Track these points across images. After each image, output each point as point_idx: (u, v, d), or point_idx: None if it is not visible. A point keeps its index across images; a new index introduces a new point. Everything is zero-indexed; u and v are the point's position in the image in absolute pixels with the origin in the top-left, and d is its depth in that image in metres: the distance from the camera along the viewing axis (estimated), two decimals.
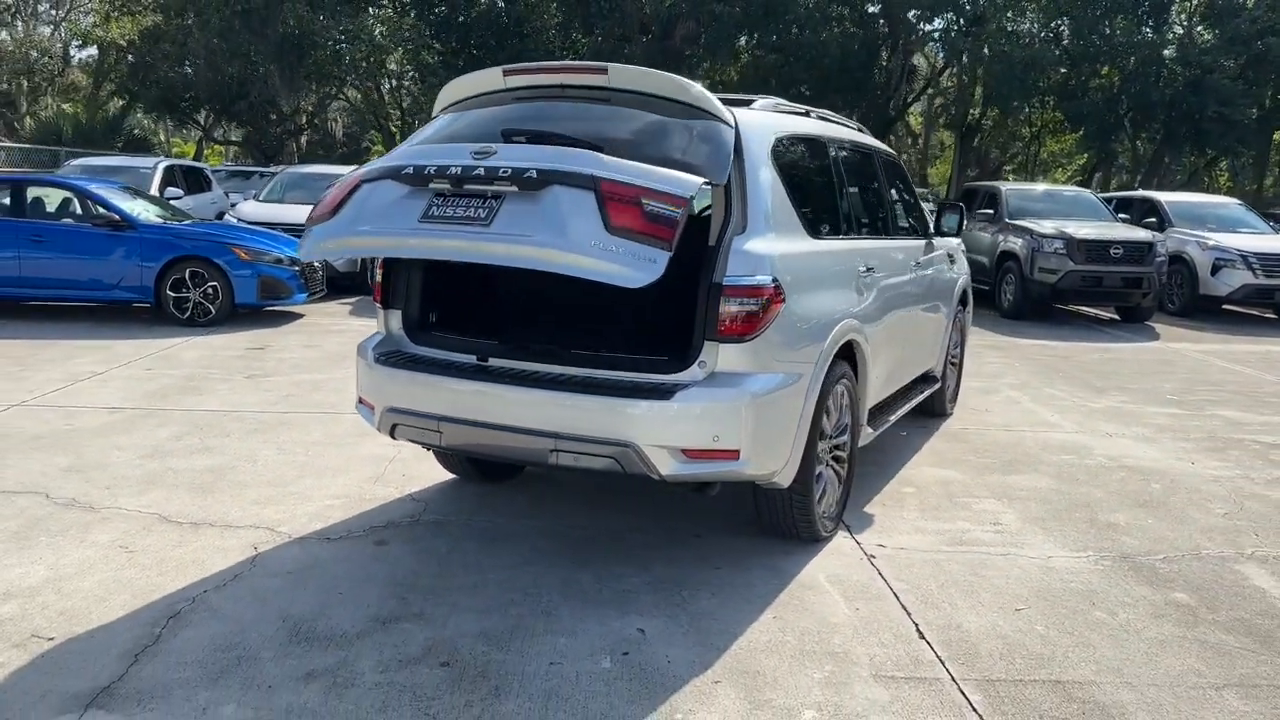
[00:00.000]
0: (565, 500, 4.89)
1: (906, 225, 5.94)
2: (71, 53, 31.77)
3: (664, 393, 3.65)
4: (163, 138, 30.98)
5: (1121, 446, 6.35)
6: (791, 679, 3.23)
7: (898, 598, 3.90)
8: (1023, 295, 12.66)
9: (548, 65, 4.10)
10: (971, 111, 29.71)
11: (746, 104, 4.36)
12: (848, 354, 4.56)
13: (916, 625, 3.66)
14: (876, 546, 4.44)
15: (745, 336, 3.69)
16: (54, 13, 30.97)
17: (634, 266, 3.33)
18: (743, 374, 3.72)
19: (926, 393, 6.21)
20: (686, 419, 3.64)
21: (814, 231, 4.34)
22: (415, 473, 5.24)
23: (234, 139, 31.26)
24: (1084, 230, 12.51)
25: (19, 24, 28.66)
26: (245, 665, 3.22)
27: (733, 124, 3.85)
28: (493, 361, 4.02)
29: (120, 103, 27.95)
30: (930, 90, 32.04)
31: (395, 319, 4.34)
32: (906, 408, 5.74)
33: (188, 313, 9.95)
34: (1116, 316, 13.36)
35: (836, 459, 4.59)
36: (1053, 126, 30.16)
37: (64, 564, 4.00)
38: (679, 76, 3.89)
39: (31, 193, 10.39)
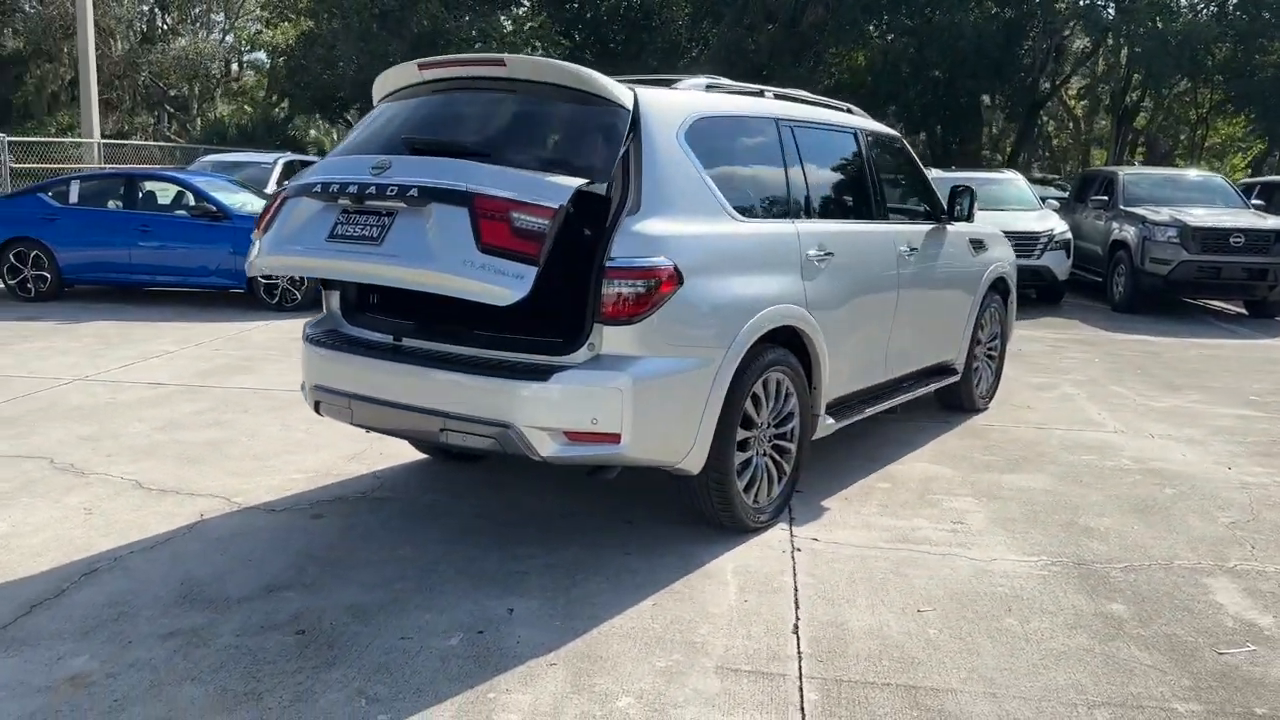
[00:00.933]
0: (524, 483, 4.91)
1: (902, 208, 5.67)
2: (243, 57, 34.11)
3: (543, 374, 3.63)
4: (314, 136, 32.74)
5: (1158, 448, 5.87)
6: (630, 666, 3.17)
7: (796, 592, 3.75)
8: (1134, 287, 11.82)
9: (455, 58, 4.16)
10: (1131, 94, 27.83)
11: (669, 84, 4.28)
12: (793, 341, 4.41)
13: (797, 621, 3.51)
14: (810, 540, 4.28)
15: (632, 319, 3.63)
16: (223, 20, 33.24)
17: (501, 284, 3.41)
18: (629, 357, 3.65)
19: (933, 385, 5.92)
20: (564, 401, 3.61)
21: (745, 213, 4.21)
22: (393, 451, 5.38)
23: None
24: (1202, 217, 11.55)
25: (192, 31, 30.89)
26: (120, 622, 3.41)
27: (630, 107, 3.78)
28: (405, 341, 4.09)
29: (284, 104, 29.78)
30: (1082, 71, 30.19)
31: (334, 299, 4.49)
32: (899, 400, 5.50)
33: (276, 298, 10.52)
34: (1244, 311, 12.29)
35: (779, 449, 4.44)
36: (1221, 108, 27.86)
37: (27, 522, 4.33)
38: (574, 65, 3.86)
39: (144, 186, 11.22)
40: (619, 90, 3.80)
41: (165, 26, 33.07)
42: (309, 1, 24.71)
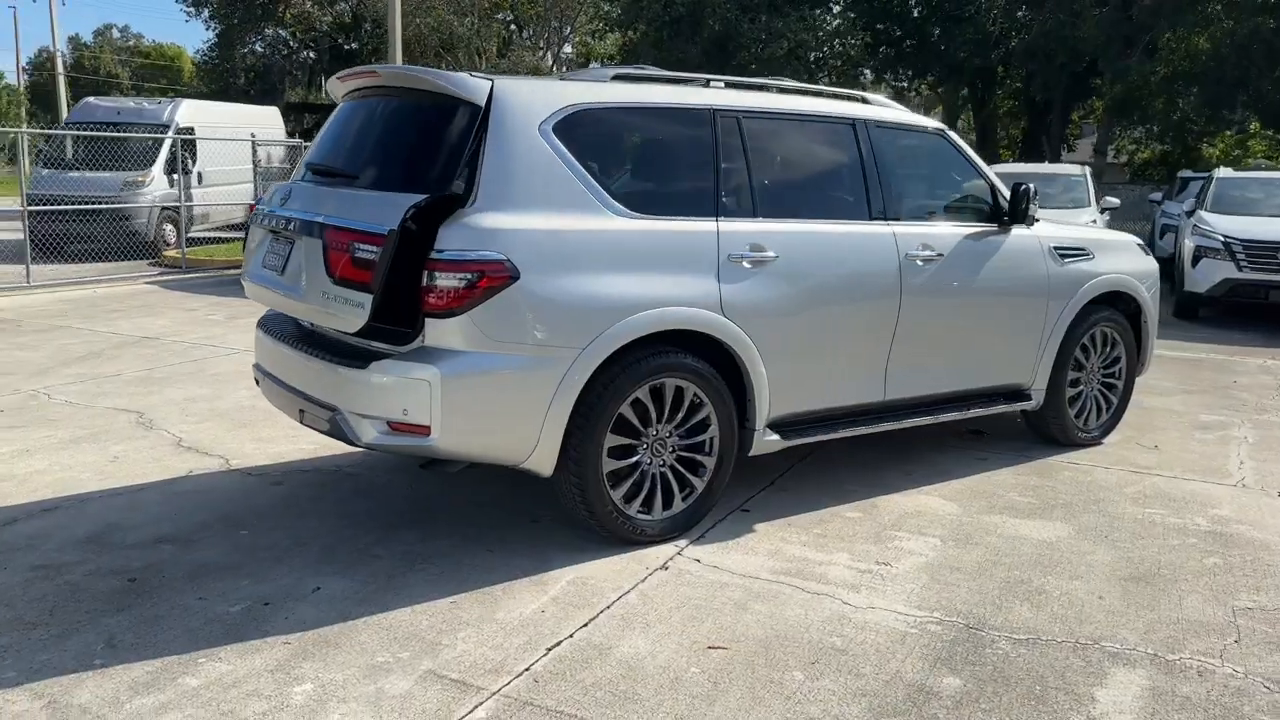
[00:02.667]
0: (485, 474, 4.93)
1: (931, 208, 5.05)
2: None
3: (363, 361, 3.72)
4: None
5: (1266, 511, 4.76)
6: (349, 656, 3.19)
7: (603, 611, 3.54)
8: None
9: (353, 71, 4.35)
10: None
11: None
12: (710, 349, 4.14)
13: (564, 639, 3.32)
14: (691, 560, 4.00)
15: (453, 312, 3.61)
16: (568, 33, 35.76)
17: (347, 313, 3.67)
18: (450, 350, 3.64)
19: (990, 410, 5.21)
20: (378, 389, 3.68)
21: (639, 208, 4.01)
22: None
23: None
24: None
25: (535, 46, 33.55)
26: (23, 552, 3.98)
27: (482, 103, 3.75)
28: (311, 326, 4.34)
29: None
30: None
31: None
32: (918, 422, 4.94)
33: None
34: None
35: (688, 462, 4.19)
36: None
37: (60, 461, 5.12)
38: (430, 69, 3.92)
39: None
40: (471, 87, 3.78)
41: (527, 41, 36.23)
42: (620, 13, 25.96)
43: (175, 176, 15.00)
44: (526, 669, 3.11)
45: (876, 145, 4.75)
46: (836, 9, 26.34)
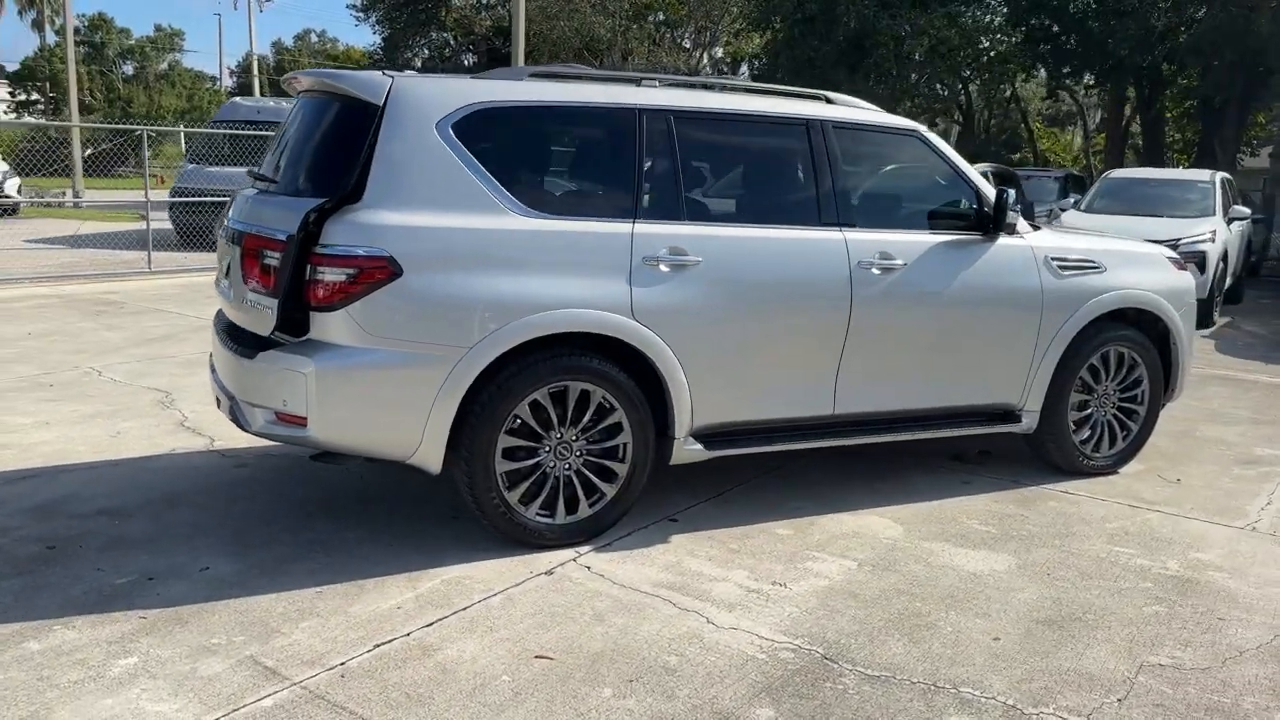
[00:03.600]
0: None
1: (885, 212, 4.78)
2: (737, 69, 36.36)
3: (253, 352, 3.84)
4: None
5: (1254, 556, 4.28)
6: (192, 634, 3.30)
7: (457, 611, 3.54)
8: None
9: (288, 76, 4.48)
10: None
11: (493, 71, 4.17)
12: (627, 354, 4.06)
13: (396, 639, 3.34)
14: (582, 567, 3.94)
15: (334, 306, 3.69)
16: (713, 32, 35.64)
17: (260, 317, 3.82)
18: (331, 344, 3.72)
19: (967, 431, 4.92)
20: (261, 379, 3.80)
21: (545, 209, 3.98)
22: None
23: None
24: None
25: (680, 48, 33.61)
26: None
27: (380, 102, 3.80)
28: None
29: None
30: None
31: None
32: (878, 439, 4.72)
33: None
34: None
35: (598, 468, 4.13)
36: None
37: (68, 435, 5.51)
38: (336, 70, 4.01)
39: None
40: (371, 87, 3.84)
41: (679, 42, 36.41)
42: (757, 13, 25.70)
43: None
44: (342, 663, 3.14)
45: (833, 147, 4.52)
46: (989, 4, 25.22)
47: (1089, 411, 5.28)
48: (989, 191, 4.81)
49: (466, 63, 40.89)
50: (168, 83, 67.48)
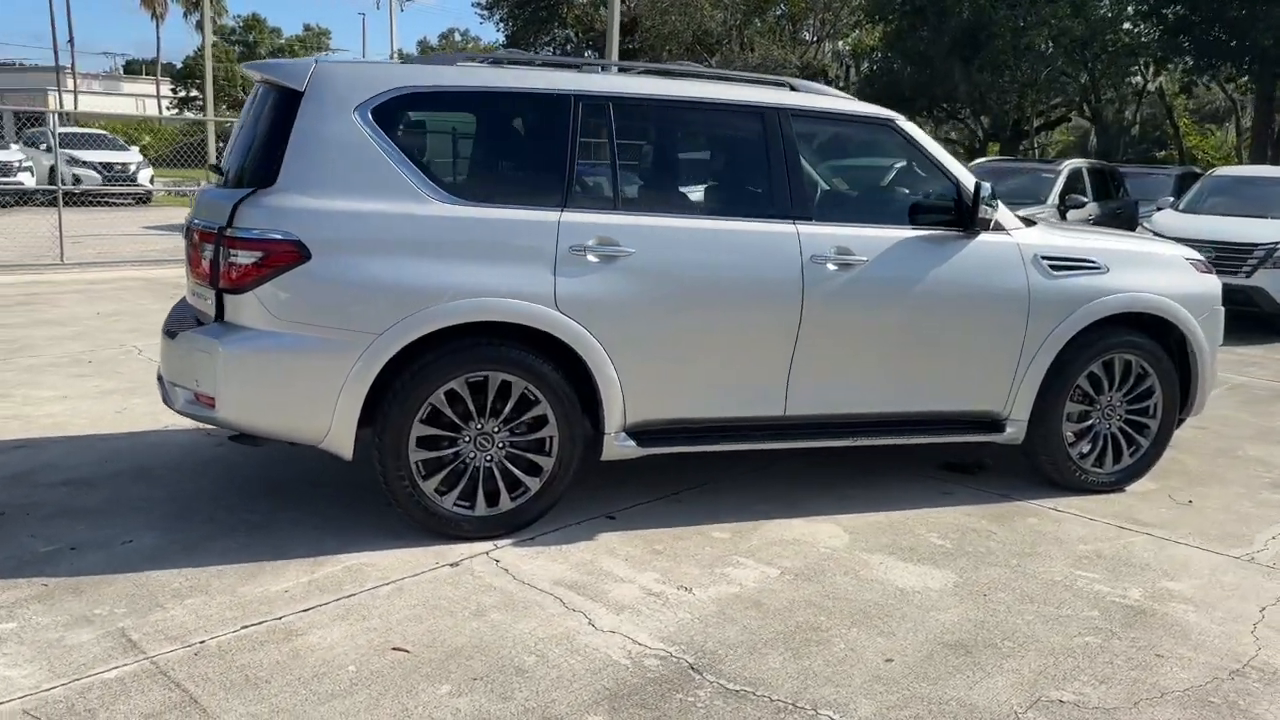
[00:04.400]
0: None
1: (848, 205, 4.55)
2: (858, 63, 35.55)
3: (173, 333, 3.93)
4: None
5: (1228, 593, 3.89)
6: (80, 604, 3.39)
7: (341, 598, 3.53)
8: None
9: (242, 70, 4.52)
10: None
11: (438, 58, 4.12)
12: (551, 346, 3.99)
13: (266, 620, 3.35)
14: (489, 560, 3.88)
15: (243, 289, 3.74)
16: (834, 25, 34.85)
17: (205, 307, 3.90)
18: (239, 326, 3.77)
19: (942, 438, 4.64)
20: (178, 360, 3.89)
21: (466, 196, 3.94)
22: None
23: (952, 137, 31.81)
24: None
25: (792, 40, 32.93)
26: None
27: (302, 88, 3.83)
28: None
29: None
30: None
31: None
32: (834, 443, 4.51)
33: None
34: None
35: (518, 460, 4.07)
36: None
37: (78, 408, 5.79)
38: (267, 60, 4.02)
39: None
40: (293, 73, 3.87)
41: (802, 35, 35.82)
42: (872, 4, 25.03)
43: None
44: (202, 642, 3.17)
45: (789, 136, 4.31)
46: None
47: (1090, 423, 4.89)
48: (971, 185, 4.51)
49: (590, 59, 41.36)
50: None
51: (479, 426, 3.98)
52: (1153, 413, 4.97)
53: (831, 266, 4.29)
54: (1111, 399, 4.89)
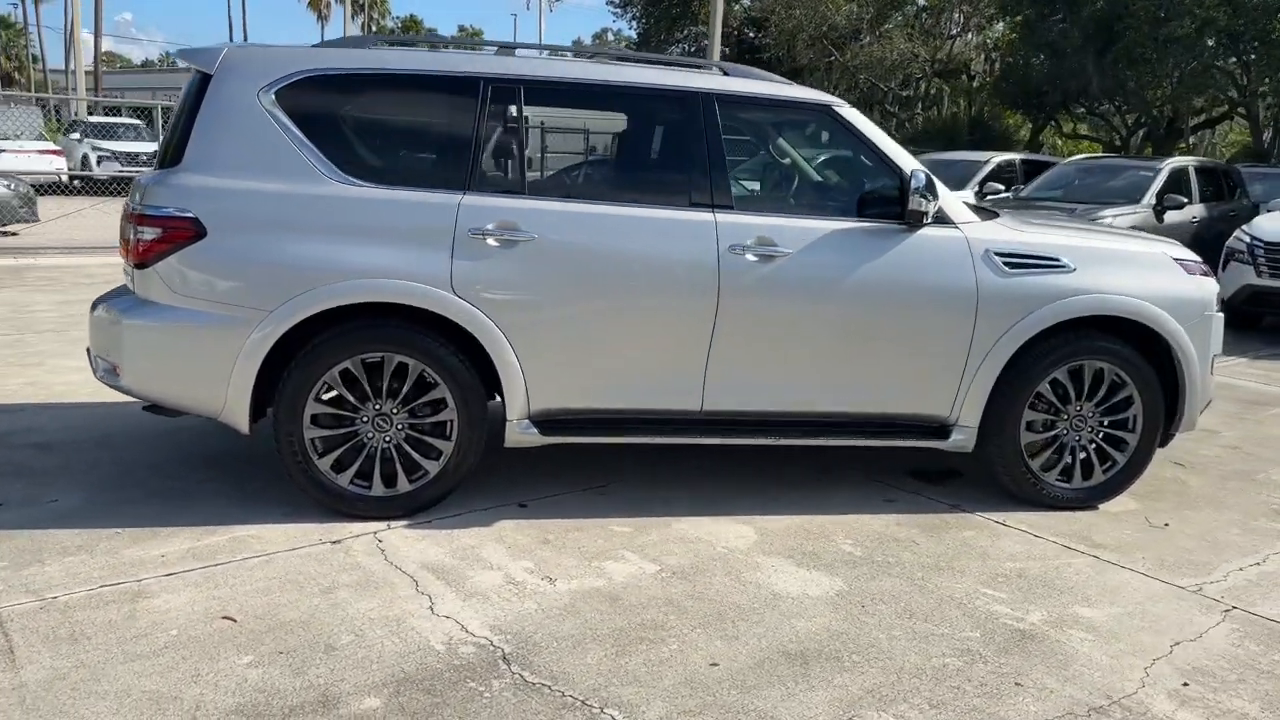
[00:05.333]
0: None
1: (777, 194, 4.35)
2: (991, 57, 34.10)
3: (94, 305, 4.12)
4: (1024, 135, 31.23)
5: (1161, 630, 3.56)
6: None
7: (206, 566, 3.63)
8: None
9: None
10: None
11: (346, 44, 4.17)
12: (452, 329, 4.00)
13: (126, 582, 3.48)
14: (372, 540, 3.91)
15: (145, 264, 3.89)
16: (963, 21, 33.48)
17: (128, 283, 4.05)
18: (143, 299, 3.93)
19: (878, 442, 4.41)
20: (96, 330, 4.08)
21: (368, 177, 3.98)
22: None
23: (1083, 133, 30.01)
24: None
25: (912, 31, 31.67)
26: None
27: (212, 72, 3.95)
28: None
29: (996, 102, 29.38)
30: None
31: None
32: (753, 441, 4.36)
33: None
34: None
35: (420, 444, 4.10)
36: None
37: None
38: (190, 48, 4.14)
39: None
40: (207, 57, 3.99)
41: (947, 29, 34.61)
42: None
43: None
44: (54, 597, 3.32)
45: (712, 123, 4.17)
46: None
47: (1055, 434, 4.54)
48: (929, 178, 4.24)
49: (724, 54, 41.22)
50: None
51: (377, 407, 4.01)
52: (1131, 426, 4.57)
53: (751, 258, 4.13)
54: (1081, 409, 4.52)
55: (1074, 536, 4.28)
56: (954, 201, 4.35)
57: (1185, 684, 3.10)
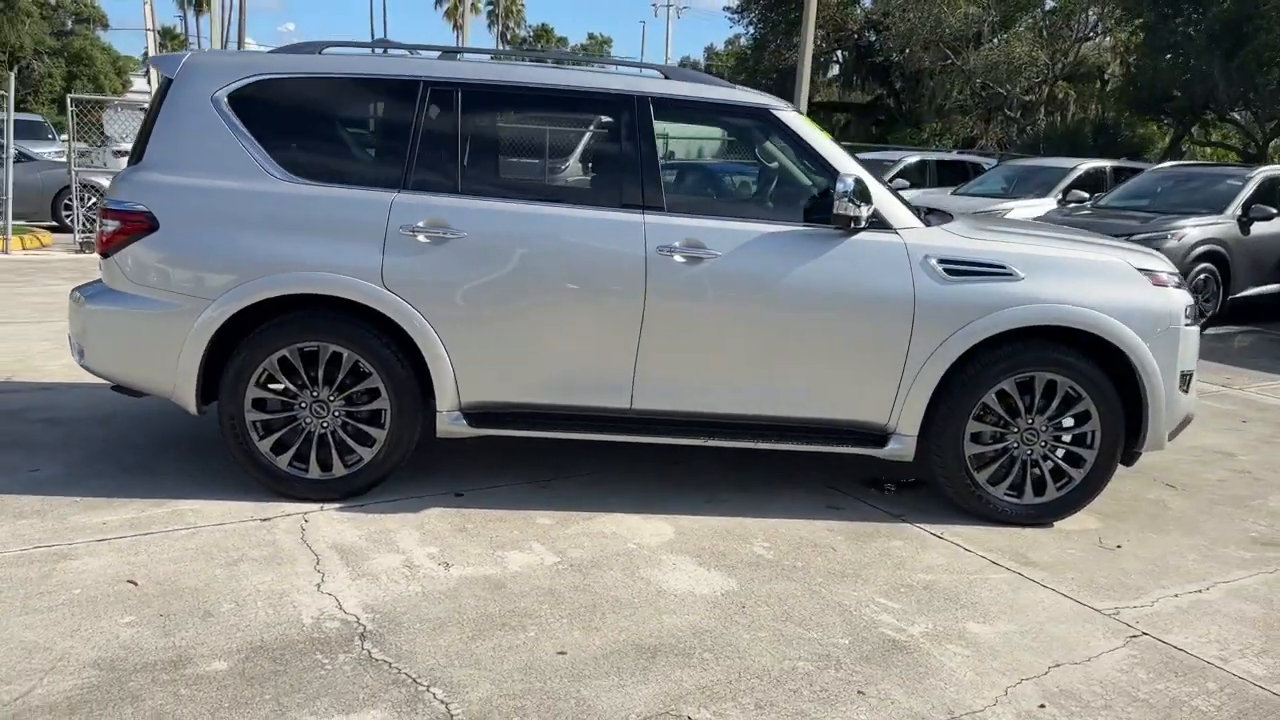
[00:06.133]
0: None
1: (712, 197, 4.35)
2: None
3: (71, 293, 4.47)
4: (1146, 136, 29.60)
5: (1042, 651, 3.45)
6: None
7: (139, 535, 3.91)
8: None
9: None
10: None
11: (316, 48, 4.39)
12: (386, 323, 4.19)
13: (58, 545, 3.78)
14: (297, 519, 4.12)
15: (108, 253, 4.22)
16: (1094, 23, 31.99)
17: (101, 273, 4.38)
18: (106, 287, 4.26)
19: (790, 445, 4.36)
20: (71, 316, 4.42)
21: (308, 175, 4.20)
22: None
23: (1226, 140, 28.20)
24: None
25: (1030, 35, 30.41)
26: None
27: (173, 77, 4.25)
28: None
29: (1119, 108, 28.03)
30: None
31: None
32: (662, 440, 4.38)
33: None
34: None
35: (355, 432, 4.30)
36: None
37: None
38: (162, 55, 4.44)
39: None
40: (171, 63, 4.29)
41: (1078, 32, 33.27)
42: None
43: None
44: None
45: (646, 125, 4.22)
46: None
47: (1003, 446, 4.41)
48: (860, 182, 4.20)
49: (838, 59, 40.71)
50: None
51: (314, 394, 4.22)
52: (1089, 442, 4.40)
53: (679, 259, 4.17)
54: (1033, 422, 4.38)
55: (1008, 553, 4.15)
56: (895, 206, 4.28)
57: (1042, 705, 3.00)
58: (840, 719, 2.88)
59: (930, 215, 4.72)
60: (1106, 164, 14.62)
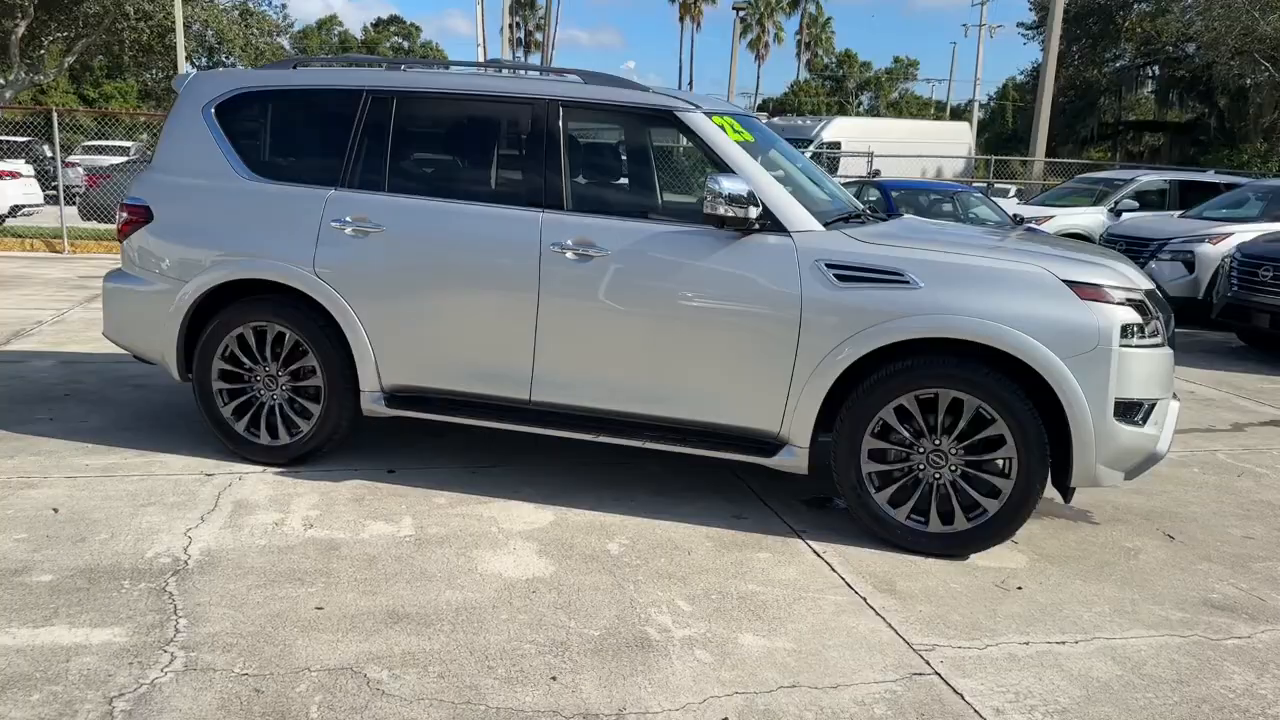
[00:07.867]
0: None
1: (611, 196, 4.44)
2: None
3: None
4: None
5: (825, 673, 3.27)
6: None
7: (86, 478, 4.63)
8: None
9: None
10: None
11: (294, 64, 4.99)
12: (317, 307, 4.69)
13: (46, 477, 4.58)
14: (233, 478, 4.65)
15: (122, 240, 5.05)
16: None
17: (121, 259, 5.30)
18: (122, 270, 5.08)
19: (686, 449, 4.31)
20: (103, 294, 5.28)
21: (269, 175, 4.78)
22: None
23: None
24: None
25: None
26: None
27: (179, 91, 5.00)
28: None
29: None
30: None
31: None
32: (562, 434, 4.49)
33: None
34: None
35: (296, 404, 4.81)
36: None
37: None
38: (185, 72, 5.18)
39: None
40: (179, 81, 5.03)
41: None
42: None
43: None
44: None
45: (553, 127, 4.40)
46: None
47: (906, 465, 4.13)
48: (765, 185, 4.13)
49: (1151, 75, 37.22)
50: (894, 111, 72.37)
51: (267, 369, 4.77)
52: (1005, 471, 4.00)
53: (570, 256, 4.30)
54: (939, 444, 4.06)
55: (875, 578, 3.87)
56: (792, 208, 4.14)
57: (726, 719, 2.86)
58: (509, 699, 2.91)
59: (872, 218, 4.48)
60: (1169, 176, 13.32)
